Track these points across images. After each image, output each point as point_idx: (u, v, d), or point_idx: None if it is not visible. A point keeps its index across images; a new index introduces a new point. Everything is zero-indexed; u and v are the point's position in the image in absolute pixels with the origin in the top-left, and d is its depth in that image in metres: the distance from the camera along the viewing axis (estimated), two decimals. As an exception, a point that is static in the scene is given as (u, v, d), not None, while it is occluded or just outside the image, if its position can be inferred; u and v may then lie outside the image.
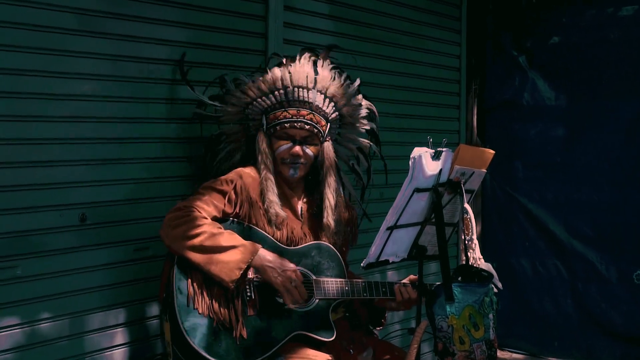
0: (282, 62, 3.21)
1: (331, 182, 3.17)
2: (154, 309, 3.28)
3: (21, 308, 2.84)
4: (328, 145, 3.18)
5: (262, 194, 3.05)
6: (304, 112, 3.12)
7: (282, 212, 3.05)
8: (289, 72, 3.14)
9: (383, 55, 4.62)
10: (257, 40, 3.75)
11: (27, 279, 2.86)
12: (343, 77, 3.27)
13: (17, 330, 2.83)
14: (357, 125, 3.37)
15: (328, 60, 3.28)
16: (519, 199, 5.51)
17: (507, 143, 5.47)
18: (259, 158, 3.11)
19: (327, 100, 3.20)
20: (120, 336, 3.19)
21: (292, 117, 3.10)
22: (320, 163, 3.18)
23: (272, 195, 3.04)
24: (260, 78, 3.18)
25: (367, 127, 3.41)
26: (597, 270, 5.18)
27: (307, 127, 3.11)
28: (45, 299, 2.92)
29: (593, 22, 5.19)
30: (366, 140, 3.46)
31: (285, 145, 3.10)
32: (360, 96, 3.36)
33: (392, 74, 4.70)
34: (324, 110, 3.17)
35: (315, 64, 3.21)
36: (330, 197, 3.15)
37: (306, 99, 3.13)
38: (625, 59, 5.07)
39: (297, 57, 3.22)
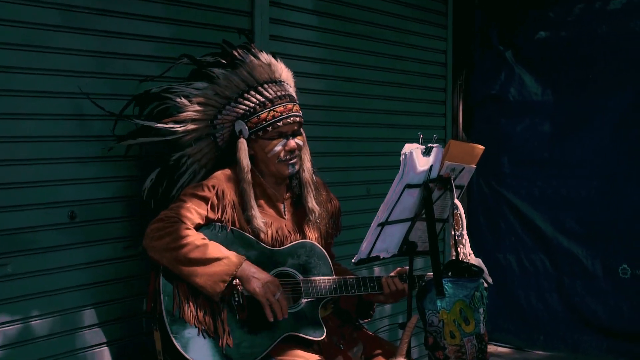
0: (221, 62, 3.14)
1: (309, 165, 3.16)
2: (143, 306, 3.27)
3: (11, 305, 2.84)
4: (302, 130, 3.17)
5: (244, 200, 2.99)
6: (289, 105, 3.07)
7: (264, 228, 3.01)
8: (246, 72, 3.08)
9: (369, 51, 4.62)
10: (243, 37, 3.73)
11: (17, 276, 2.85)
12: (281, 60, 3.24)
13: (8, 327, 2.83)
14: None
15: (262, 51, 3.22)
16: (505, 195, 5.54)
17: (494, 139, 5.48)
18: (244, 169, 3.00)
19: (291, 87, 3.20)
20: (109, 333, 3.18)
21: (281, 115, 3.04)
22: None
23: (255, 210, 2.99)
24: (216, 86, 3.09)
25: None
26: (583, 264, 5.22)
27: (297, 119, 3.09)
28: (35, 296, 2.91)
29: (581, 17, 5.20)
30: None
31: (279, 144, 3.04)
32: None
33: (378, 70, 4.70)
34: (295, 97, 3.17)
35: (256, 56, 3.15)
36: (309, 179, 3.13)
37: (285, 93, 3.10)
38: (613, 54, 5.08)
39: (238, 55, 3.14)
